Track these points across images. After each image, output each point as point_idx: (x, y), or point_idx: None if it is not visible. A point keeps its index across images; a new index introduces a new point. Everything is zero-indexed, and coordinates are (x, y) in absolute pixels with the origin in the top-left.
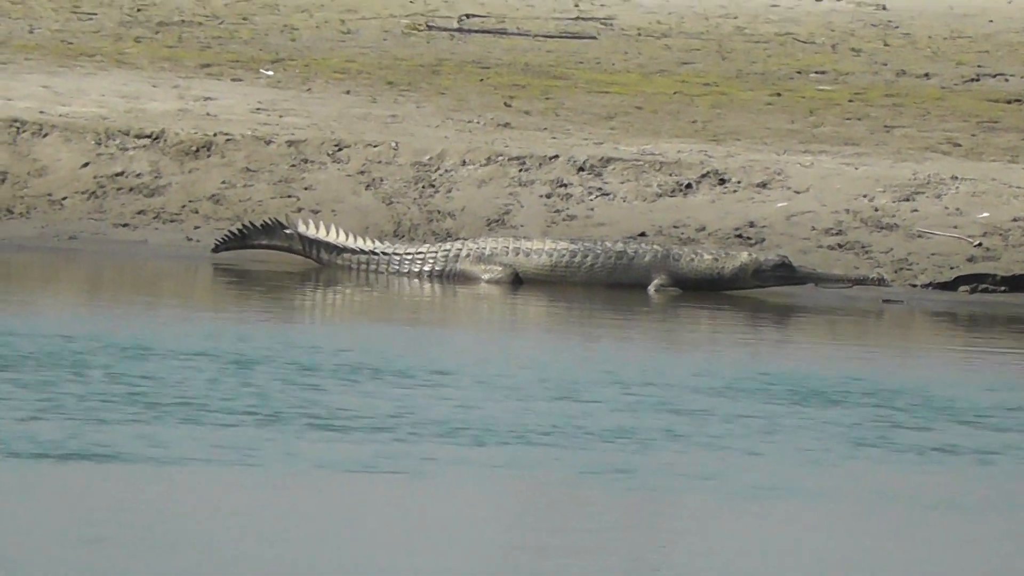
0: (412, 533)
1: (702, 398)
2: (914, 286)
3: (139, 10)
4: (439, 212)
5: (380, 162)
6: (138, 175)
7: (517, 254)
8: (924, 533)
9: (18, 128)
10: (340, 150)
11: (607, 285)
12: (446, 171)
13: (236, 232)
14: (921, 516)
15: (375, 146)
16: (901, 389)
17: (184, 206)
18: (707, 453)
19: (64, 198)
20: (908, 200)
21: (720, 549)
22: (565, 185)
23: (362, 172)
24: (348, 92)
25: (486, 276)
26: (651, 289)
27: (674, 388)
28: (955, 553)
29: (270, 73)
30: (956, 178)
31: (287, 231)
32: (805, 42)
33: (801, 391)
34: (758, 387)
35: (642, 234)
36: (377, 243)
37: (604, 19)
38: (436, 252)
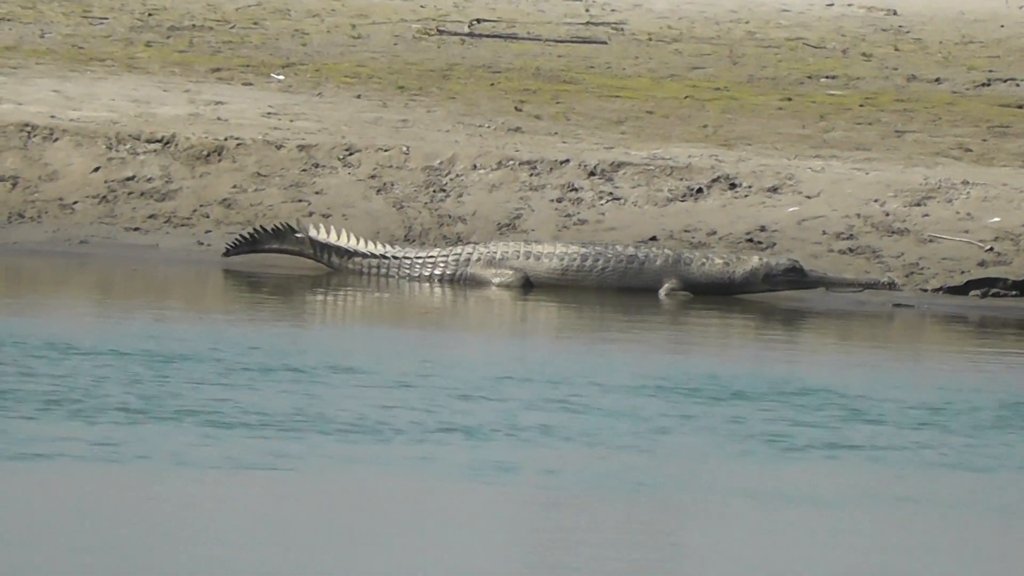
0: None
1: (624, 398)
2: (925, 290)
3: (150, 15)
4: (450, 216)
5: (391, 167)
6: (149, 179)
7: (528, 258)
8: (772, 527)
9: (29, 132)
10: (351, 154)
11: (618, 289)
12: (457, 175)
13: (247, 236)
14: (773, 510)
15: (386, 150)
16: (847, 391)
17: (195, 210)
18: (583, 450)
19: (75, 202)
20: (919, 205)
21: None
22: (576, 189)
23: (373, 176)
24: (359, 97)
25: (497, 280)
26: (662, 293)
27: (600, 388)
28: (795, 546)
29: (281, 78)
30: (967, 183)
31: (298, 235)
32: (816, 47)
33: (731, 391)
34: (692, 387)
35: (653, 238)
36: (388, 247)
37: (615, 24)
38: (447, 256)
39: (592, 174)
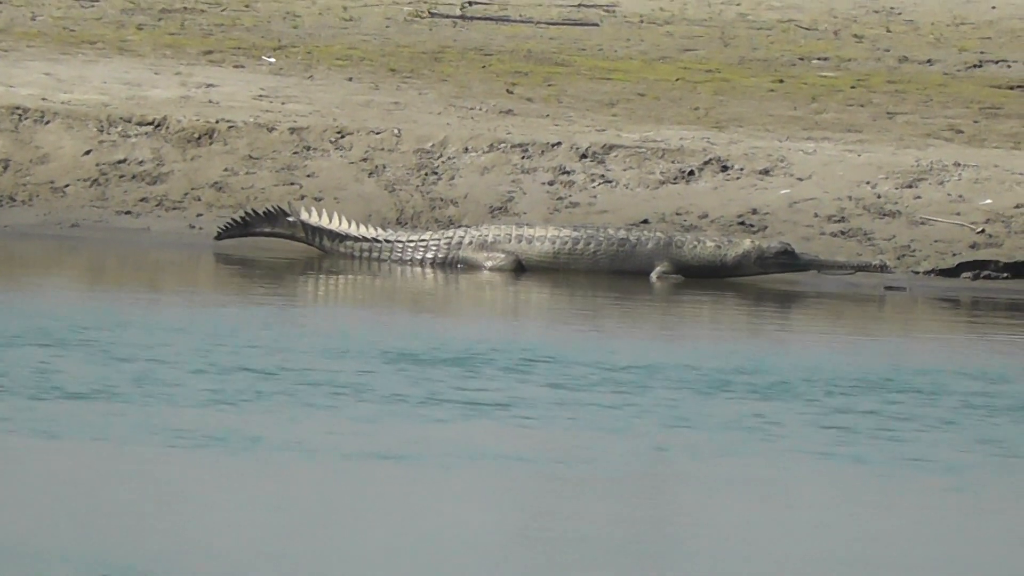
0: None
1: (342, 365)
2: (916, 273)
3: None
4: (442, 199)
5: (382, 149)
6: (140, 162)
7: (520, 241)
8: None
9: (20, 115)
10: (342, 137)
11: (610, 272)
12: (449, 158)
13: (238, 220)
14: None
15: (378, 133)
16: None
17: (186, 193)
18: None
19: (66, 185)
20: (910, 187)
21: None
22: (567, 172)
23: (364, 159)
24: (350, 79)
25: (488, 263)
26: (654, 276)
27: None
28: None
29: (272, 60)
30: (959, 165)
31: (290, 219)
32: (807, 29)
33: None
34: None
35: (644, 221)
36: (380, 230)
37: (606, 6)
38: (439, 239)
39: (584, 157)
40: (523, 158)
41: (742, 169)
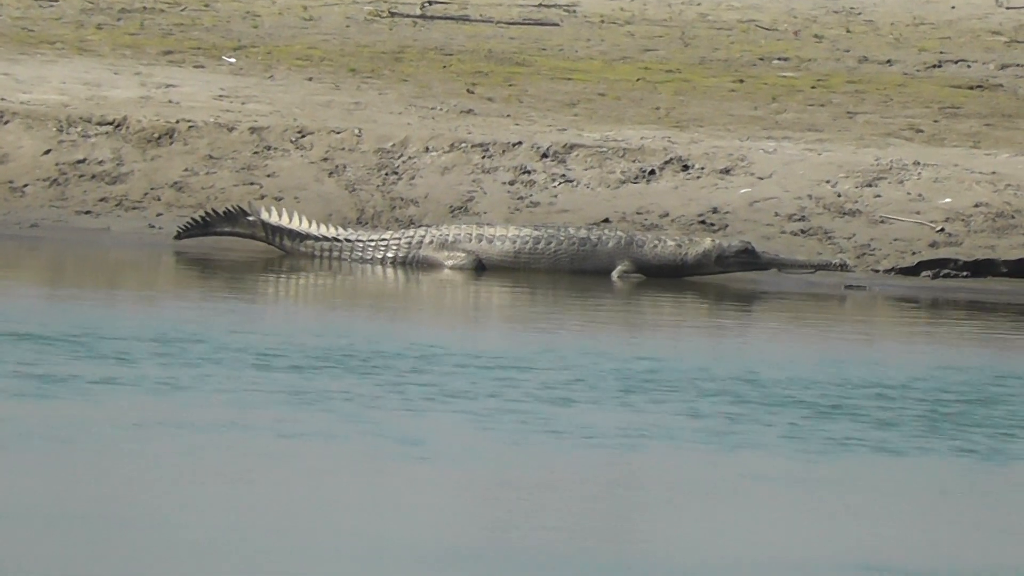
0: None
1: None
2: (876, 271)
3: None
4: (402, 199)
5: (343, 149)
6: (100, 162)
7: (480, 240)
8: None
9: None
10: (303, 137)
11: (570, 271)
12: (409, 158)
13: (199, 219)
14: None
15: (338, 133)
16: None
17: (146, 193)
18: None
19: (25, 185)
20: (871, 186)
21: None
22: (528, 172)
23: (325, 159)
24: (311, 79)
25: (449, 262)
26: (614, 275)
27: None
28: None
29: (232, 60)
30: (918, 164)
31: (250, 218)
32: (768, 29)
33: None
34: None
35: (605, 220)
36: (340, 230)
37: (567, 6)
38: (399, 239)
39: (545, 156)
40: (484, 158)
41: (703, 168)
